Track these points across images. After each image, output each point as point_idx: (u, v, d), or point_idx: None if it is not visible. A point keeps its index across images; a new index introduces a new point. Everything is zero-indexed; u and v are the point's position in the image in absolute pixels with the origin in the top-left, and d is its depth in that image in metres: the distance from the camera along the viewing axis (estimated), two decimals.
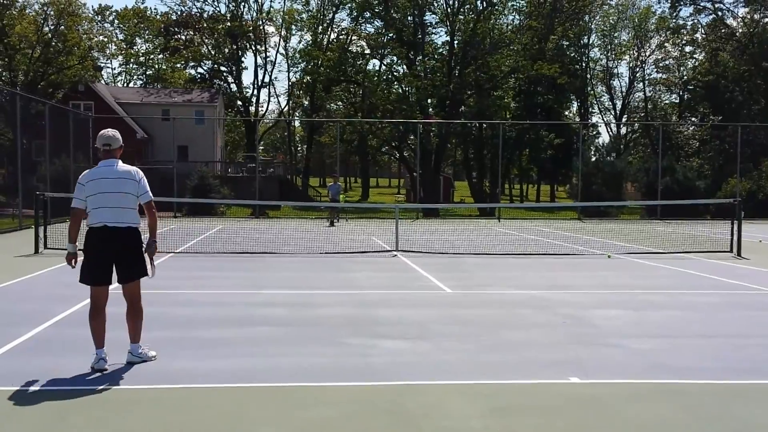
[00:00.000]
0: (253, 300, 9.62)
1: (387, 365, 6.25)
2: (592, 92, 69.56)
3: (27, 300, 9.43)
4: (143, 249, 6.19)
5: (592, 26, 66.02)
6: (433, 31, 53.22)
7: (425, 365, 6.28)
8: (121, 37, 71.26)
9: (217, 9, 61.13)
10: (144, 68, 72.49)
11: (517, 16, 57.19)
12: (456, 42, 47.75)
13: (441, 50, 50.63)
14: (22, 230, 21.11)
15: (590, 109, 70.14)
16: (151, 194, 6.27)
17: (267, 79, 64.92)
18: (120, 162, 6.22)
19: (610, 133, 72.65)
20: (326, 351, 6.75)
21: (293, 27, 61.88)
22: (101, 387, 5.49)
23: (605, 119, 73.30)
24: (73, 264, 6.19)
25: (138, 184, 6.14)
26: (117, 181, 6.07)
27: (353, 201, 55.74)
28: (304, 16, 59.82)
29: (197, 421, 4.79)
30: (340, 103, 62.40)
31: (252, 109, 62.50)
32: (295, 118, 70.08)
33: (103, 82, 62.27)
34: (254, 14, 60.66)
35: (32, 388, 5.45)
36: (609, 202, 34.26)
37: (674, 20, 62.72)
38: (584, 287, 11.26)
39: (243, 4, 59.52)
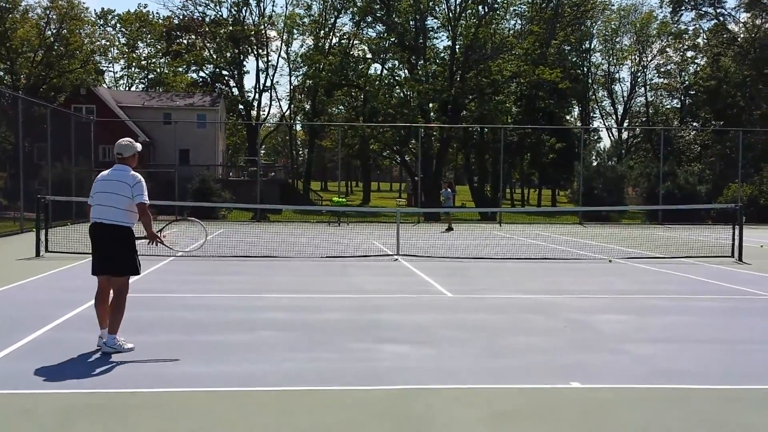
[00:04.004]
0: (254, 304, 9.62)
1: (389, 370, 6.25)
2: (593, 97, 69.61)
3: (28, 304, 9.43)
4: (134, 248, 6.69)
5: (594, 31, 66.12)
6: (435, 35, 53.30)
7: (428, 370, 6.27)
8: (123, 40, 71.41)
9: (219, 13, 61.13)
10: (146, 72, 72.59)
11: (519, 21, 57.30)
12: (457, 47, 47.80)
13: (442, 55, 50.69)
14: (23, 233, 21.12)
15: (592, 114, 70.25)
16: (144, 198, 6.63)
17: (269, 83, 64.75)
18: (130, 169, 6.70)
19: (612, 137, 72.67)
20: (328, 355, 6.74)
21: (295, 31, 62.00)
22: (102, 391, 5.49)
23: (606, 124, 73.37)
24: None
25: (131, 188, 6.59)
26: (113, 183, 6.63)
27: (354, 205, 55.76)
28: (305, 20, 59.91)
29: (199, 425, 4.79)
30: (341, 107, 62.45)
31: (253, 113, 62.57)
32: (297, 122, 70.18)
33: (105, 85, 62.37)
34: (256, 18, 60.83)
35: (33, 392, 5.44)
36: (610, 207, 34.25)
37: (676, 25, 62.81)
38: (586, 292, 11.25)
39: (245, 8, 59.65)
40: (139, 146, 6.90)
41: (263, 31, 60.98)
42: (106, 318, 6.65)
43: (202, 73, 65.62)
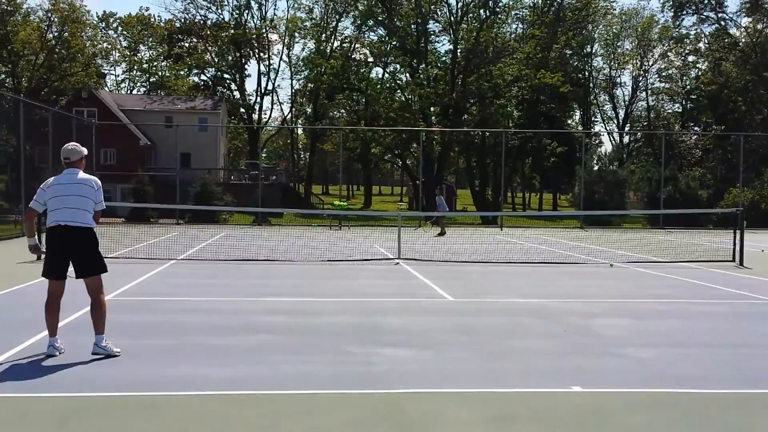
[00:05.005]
0: (255, 307, 9.60)
1: (388, 373, 6.23)
2: (594, 101, 69.63)
3: (28, 307, 9.41)
4: (97, 246, 6.75)
5: (596, 35, 66.16)
6: (437, 39, 53.45)
7: (427, 373, 6.26)
8: (124, 44, 71.54)
9: (221, 17, 61.26)
10: (147, 75, 72.69)
11: (520, 25, 57.39)
12: (459, 50, 47.86)
13: (444, 59, 50.78)
14: (24, 237, 21.11)
15: (593, 118, 70.29)
16: (104, 205, 6.88)
17: (270, 87, 65.05)
18: (81, 171, 6.82)
19: (613, 142, 72.64)
20: (328, 359, 6.73)
21: (297, 35, 62.07)
22: (102, 394, 5.47)
23: (608, 128, 73.43)
24: (39, 255, 6.90)
25: (96, 192, 6.73)
26: (75, 185, 6.68)
27: (356, 209, 55.76)
28: (307, 24, 59.98)
29: (198, 428, 4.77)
30: (343, 110, 62.59)
31: (255, 116, 62.60)
32: (298, 125, 70.21)
33: (106, 89, 62.46)
34: (258, 22, 60.88)
35: (33, 395, 5.43)
36: (611, 211, 34.24)
37: (677, 30, 62.83)
38: (586, 296, 11.23)
39: (247, 12, 59.74)
40: (84, 150, 7.02)
41: (265, 35, 61.08)
42: (57, 324, 6.67)
43: (203, 77, 65.78)
